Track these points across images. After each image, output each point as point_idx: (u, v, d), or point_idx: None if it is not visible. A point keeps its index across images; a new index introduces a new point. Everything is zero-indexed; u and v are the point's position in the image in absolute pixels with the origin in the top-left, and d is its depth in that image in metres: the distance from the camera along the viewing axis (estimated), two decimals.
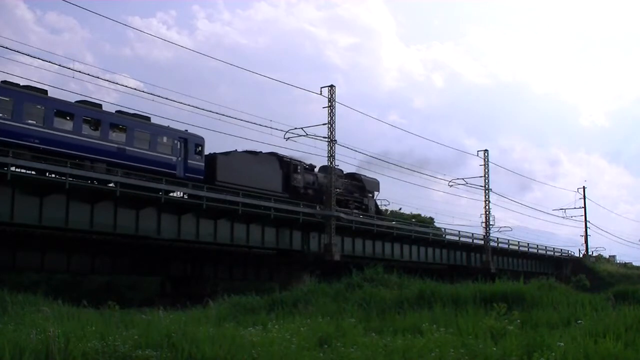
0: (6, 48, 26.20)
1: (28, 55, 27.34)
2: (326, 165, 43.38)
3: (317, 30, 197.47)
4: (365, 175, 48.92)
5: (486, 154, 58.81)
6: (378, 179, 50.46)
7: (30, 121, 27.56)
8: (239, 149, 40.05)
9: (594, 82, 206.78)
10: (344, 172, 47.32)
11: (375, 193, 50.13)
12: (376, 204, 49.88)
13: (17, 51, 26.71)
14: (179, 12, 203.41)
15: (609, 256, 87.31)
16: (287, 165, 40.75)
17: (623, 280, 53.14)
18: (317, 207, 41.14)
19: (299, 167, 41.76)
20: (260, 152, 39.26)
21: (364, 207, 47.27)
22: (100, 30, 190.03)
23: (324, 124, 41.02)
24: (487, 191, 57.90)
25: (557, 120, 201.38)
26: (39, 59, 27.96)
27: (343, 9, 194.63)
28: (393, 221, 51.71)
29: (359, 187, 48.10)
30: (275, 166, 39.84)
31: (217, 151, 38.57)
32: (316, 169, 44.88)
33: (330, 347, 10.80)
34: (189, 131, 34.47)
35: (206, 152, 36.37)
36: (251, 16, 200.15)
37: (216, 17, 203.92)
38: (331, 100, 41.13)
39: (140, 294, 43.24)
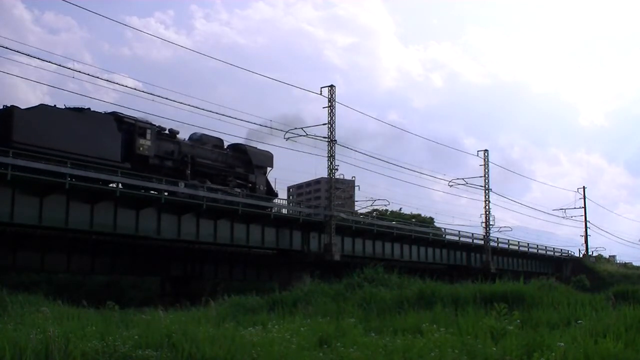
0: (5, 48, 26.19)
1: (27, 55, 27.35)
2: (197, 133, 37.93)
3: (316, 30, 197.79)
4: (253, 147, 41.42)
5: (486, 154, 58.93)
6: (271, 152, 42.61)
7: None
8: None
9: (594, 82, 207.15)
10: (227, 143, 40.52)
11: (268, 169, 42.21)
12: (268, 182, 41.88)
13: (16, 51, 26.69)
14: (177, 11, 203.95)
15: (609, 256, 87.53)
16: (129, 128, 32.32)
17: (623, 280, 53.07)
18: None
19: (148, 131, 33.01)
20: (89, 108, 31.07)
21: (249, 185, 39.84)
22: (98, 30, 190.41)
23: (324, 124, 41.09)
24: (487, 191, 57.95)
25: (557, 119, 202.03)
26: (37, 58, 27.87)
27: (341, 8, 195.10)
28: (278, 200, 44.01)
29: (244, 161, 40.25)
30: (110, 128, 31.31)
31: None
32: (184, 137, 37.41)
33: (330, 347, 10.79)
34: None
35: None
36: (249, 16, 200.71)
37: (214, 17, 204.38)
38: (331, 100, 41.15)
39: (140, 294, 43.28)
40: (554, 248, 71.53)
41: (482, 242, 56.95)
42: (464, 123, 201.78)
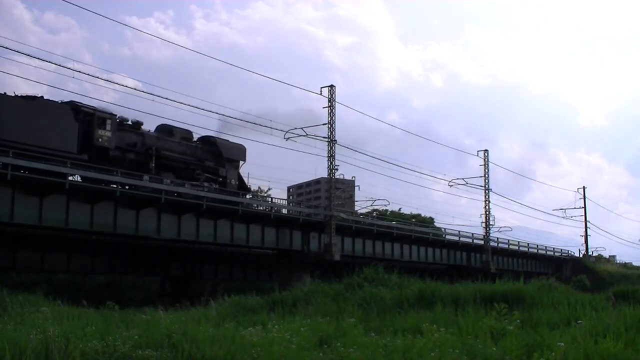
0: (5, 48, 26.22)
1: (26, 55, 27.41)
2: (164, 125, 36.27)
3: (316, 30, 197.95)
4: (225, 140, 39.32)
5: (486, 154, 58.93)
6: (244, 145, 40.36)
7: None
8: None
9: (593, 82, 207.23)
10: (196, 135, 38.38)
11: (240, 162, 40.10)
12: (240, 176, 39.94)
13: (17, 51, 26.71)
14: (177, 11, 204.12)
15: (609, 256, 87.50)
16: (88, 118, 30.42)
17: (623, 280, 53.07)
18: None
19: (108, 122, 31.07)
20: (41, 97, 29.29)
21: (220, 179, 37.98)
22: (98, 30, 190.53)
23: (324, 124, 41.08)
24: (487, 191, 57.95)
25: (557, 119, 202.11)
26: (37, 58, 27.89)
27: (341, 8, 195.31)
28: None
29: (214, 154, 38.22)
30: (65, 117, 29.34)
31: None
32: (149, 129, 35.43)
33: (330, 347, 10.79)
34: None
35: None
36: (249, 16, 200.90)
37: (214, 17, 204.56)
38: (331, 100, 41.15)
39: (140, 294, 43.34)
40: (554, 248, 71.54)
41: (482, 242, 56.95)
42: (464, 123, 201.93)
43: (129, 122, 33.68)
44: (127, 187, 30.87)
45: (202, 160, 37.40)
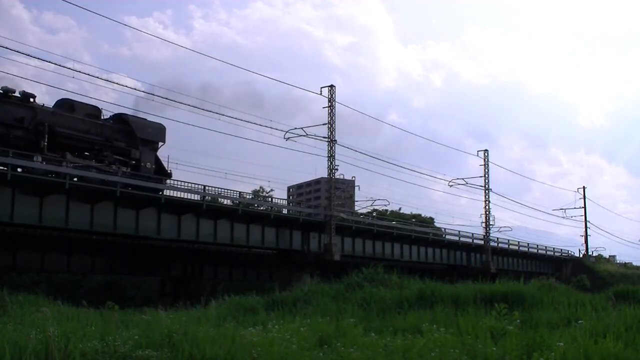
0: (4, 47, 26.19)
1: (26, 54, 27.41)
2: (65, 99, 32.18)
3: (315, 29, 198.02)
4: (140, 118, 34.75)
5: (486, 154, 58.91)
6: (164, 124, 35.53)
7: None
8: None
9: (593, 82, 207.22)
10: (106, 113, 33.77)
11: (159, 144, 35.39)
12: (158, 159, 35.05)
13: (16, 51, 26.64)
14: (176, 11, 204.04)
15: (609, 256, 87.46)
16: None
17: (623, 280, 53.08)
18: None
19: None
20: None
21: (133, 161, 33.08)
22: (98, 29, 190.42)
23: (324, 124, 41.06)
24: (487, 191, 57.94)
25: (557, 119, 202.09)
26: (37, 58, 27.82)
27: (339, 8, 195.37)
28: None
29: (126, 133, 33.41)
30: None
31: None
32: (43, 103, 30.96)
33: (330, 347, 10.79)
34: None
35: None
36: (248, 15, 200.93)
37: (213, 17, 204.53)
38: (331, 100, 41.13)
39: (140, 294, 43.36)
40: (554, 248, 71.54)
41: (482, 242, 56.95)
42: (464, 123, 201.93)
43: (17, 94, 29.27)
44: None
45: (111, 140, 32.62)
